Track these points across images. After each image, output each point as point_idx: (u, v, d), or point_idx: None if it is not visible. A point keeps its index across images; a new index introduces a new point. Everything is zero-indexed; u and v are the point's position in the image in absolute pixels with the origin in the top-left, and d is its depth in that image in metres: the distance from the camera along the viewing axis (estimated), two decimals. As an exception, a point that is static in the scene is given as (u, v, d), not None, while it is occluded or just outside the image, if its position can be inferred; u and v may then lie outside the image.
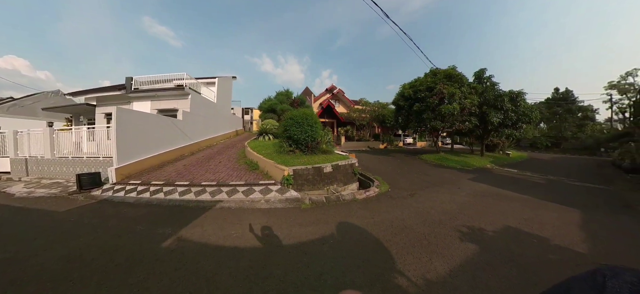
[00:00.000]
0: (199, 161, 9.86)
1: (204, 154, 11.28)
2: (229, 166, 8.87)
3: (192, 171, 8.44)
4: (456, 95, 14.67)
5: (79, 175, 7.35)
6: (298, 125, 7.77)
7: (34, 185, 8.56)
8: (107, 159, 8.62)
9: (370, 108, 28.92)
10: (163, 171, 8.59)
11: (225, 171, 8.09)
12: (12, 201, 6.74)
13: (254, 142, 12.49)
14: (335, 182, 6.99)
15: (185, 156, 10.83)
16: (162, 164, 9.56)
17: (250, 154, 9.49)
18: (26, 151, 10.28)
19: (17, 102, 17.79)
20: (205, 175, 7.85)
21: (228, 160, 9.94)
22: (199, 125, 12.71)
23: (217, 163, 9.52)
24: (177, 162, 9.92)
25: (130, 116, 8.47)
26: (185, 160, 10.30)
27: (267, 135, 13.39)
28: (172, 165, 9.45)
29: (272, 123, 14.31)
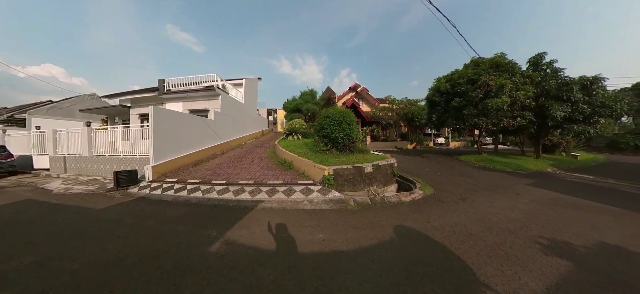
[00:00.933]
0: (231, 160, 9.46)
1: (234, 153, 10.91)
2: (262, 165, 8.40)
3: (227, 170, 8.02)
4: (506, 86, 11.99)
5: (116, 172, 7.08)
6: (336, 124, 7.18)
7: (71, 182, 8.42)
8: (144, 157, 8.36)
9: (398, 106, 26.47)
10: (198, 170, 8.23)
11: (261, 170, 7.60)
12: (49, 198, 6.52)
13: (284, 141, 12.01)
14: (375, 183, 6.33)
15: (216, 155, 10.49)
16: (196, 162, 9.23)
17: (282, 153, 8.98)
18: (65, 149, 10.26)
19: (55, 105, 18.34)
20: (241, 173, 7.39)
21: (260, 159, 9.49)
22: (228, 125, 12.40)
23: (249, 161, 9.08)
24: (210, 161, 9.57)
25: (166, 115, 8.18)
26: (218, 158, 9.95)
27: (295, 134, 12.89)
28: (205, 164, 9.09)
29: (300, 123, 13.80)
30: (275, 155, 10.00)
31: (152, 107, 7.65)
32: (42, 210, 5.45)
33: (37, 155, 10.96)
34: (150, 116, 7.61)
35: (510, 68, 13.27)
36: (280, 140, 12.66)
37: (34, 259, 3.10)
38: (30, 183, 8.78)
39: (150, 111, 7.61)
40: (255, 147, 12.64)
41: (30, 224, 4.51)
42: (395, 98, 27.30)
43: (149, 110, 7.65)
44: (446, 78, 15.44)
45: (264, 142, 14.41)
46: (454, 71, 15.52)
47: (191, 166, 8.81)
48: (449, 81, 14.96)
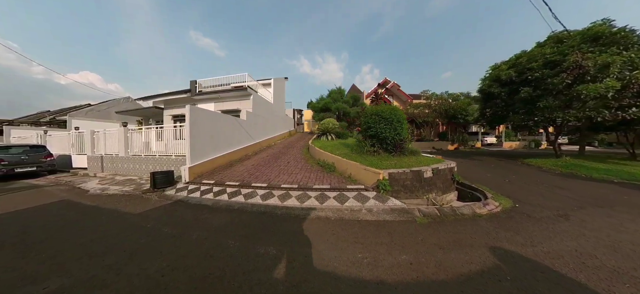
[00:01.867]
0: (266, 161, 8.77)
1: (267, 154, 10.24)
2: (300, 166, 7.62)
3: (264, 171, 7.31)
4: (613, 65, 8.82)
5: (153, 173, 6.54)
6: (386, 122, 6.27)
7: (108, 182, 8.03)
8: (179, 158, 7.84)
9: (438, 101, 23.19)
10: (234, 171, 7.58)
11: (301, 173, 6.81)
12: (85, 199, 6.05)
13: (317, 141, 11.27)
14: (434, 189, 5.35)
15: (249, 156, 9.86)
16: (230, 163, 8.62)
17: (320, 154, 8.19)
18: (102, 149, 10.02)
19: (93, 107, 18.65)
20: (281, 176, 6.63)
21: (296, 160, 8.73)
22: (259, 125, 11.79)
23: (285, 163, 8.34)
24: (244, 161, 8.93)
25: (202, 115, 7.61)
26: (251, 159, 9.30)
27: (329, 134, 12.07)
28: (240, 164, 8.45)
29: (332, 122, 12.98)
30: (310, 156, 9.22)
31: (188, 106, 7.09)
32: (75, 213, 4.93)
33: (76, 155, 10.83)
34: (186, 115, 7.05)
35: (622, 39, 9.57)
36: (314, 140, 11.92)
37: (60, 283, 2.44)
38: (67, 182, 8.50)
39: (187, 110, 7.04)
40: (287, 147, 11.93)
41: (61, 231, 3.94)
42: (433, 93, 23.73)
43: (186, 110, 7.10)
44: (508, 64, 12.46)
45: (294, 143, 13.70)
46: (520, 54, 12.28)
47: (226, 167, 8.19)
48: (513, 67, 11.87)
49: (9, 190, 7.32)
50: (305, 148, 11.38)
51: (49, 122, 16.20)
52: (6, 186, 7.90)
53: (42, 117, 17.04)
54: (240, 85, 11.61)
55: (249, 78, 11.68)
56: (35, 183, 8.32)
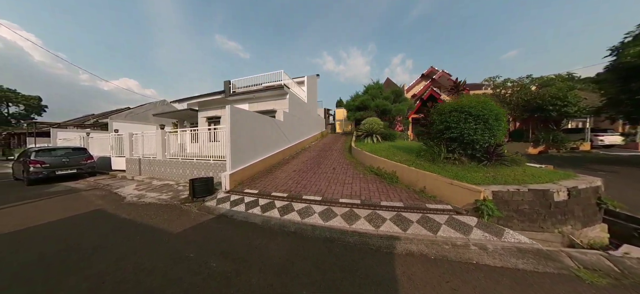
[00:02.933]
0: (308, 167, 7.67)
1: (305, 157, 9.17)
2: (350, 174, 6.40)
3: (310, 179, 6.20)
4: None
5: (192, 180, 5.65)
6: (477, 120, 4.74)
7: (145, 187, 7.34)
8: (219, 163, 6.98)
9: (512, 90, 17.65)
10: (275, 178, 6.55)
11: (356, 183, 5.59)
12: (119, 209, 5.27)
13: (362, 143, 10.00)
14: (571, 219, 3.78)
15: (287, 160, 8.84)
16: (270, 168, 7.63)
17: (371, 159, 6.97)
18: (140, 152, 9.49)
19: (132, 111, 18.79)
20: (332, 186, 5.46)
21: (341, 165, 7.54)
22: (295, 126, 10.77)
23: (330, 169, 7.17)
24: (283, 166, 7.91)
25: (242, 116, 6.67)
26: (291, 164, 8.26)
27: (374, 135, 10.64)
28: (280, 170, 7.43)
29: (377, 122, 11.31)
30: (357, 161, 8.00)
31: (229, 106, 6.16)
32: (108, 228, 4.08)
33: (115, 157, 10.45)
34: (227, 117, 6.12)
35: None
36: (357, 142, 10.64)
37: None
38: (105, 185, 7.96)
39: (228, 111, 6.11)
40: (324, 150, 10.78)
41: (89, 256, 3.05)
42: (506, 79, 18.02)
43: (226, 111, 6.17)
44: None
45: (329, 145, 12.54)
46: None
47: (266, 173, 7.19)
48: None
49: (46, 194, 6.84)
50: (345, 151, 10.16)
51: (93, 124, 16.48)
52: (45, 189, 7.49)
53: (87, 120, 17.46)
54: (274, 85, 10.62)
55: (285, 76, 10.66)
56: (74, 187, 7.86)
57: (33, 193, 7.06)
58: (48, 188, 7.73)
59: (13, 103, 35.69)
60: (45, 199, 6.29)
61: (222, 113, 12.62)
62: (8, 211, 5.27)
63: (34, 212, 5.13)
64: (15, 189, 7.73)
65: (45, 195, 6.71)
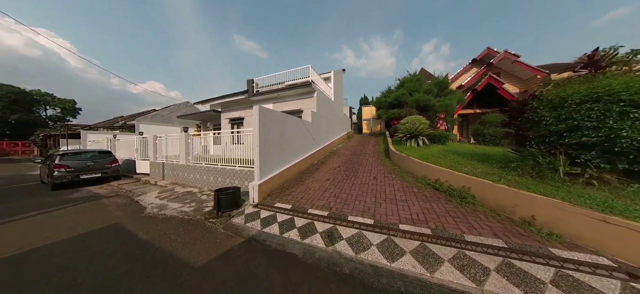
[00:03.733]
0: (343, 175, 6.64)
1: (336, 163, 8.15)
2: (398, 186, 5.26)
3: (350, 191, 5.17)
4: None
5: (217, 192, 4.82)
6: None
7: (167, 194, 6.67)
8: (245, 170, 6.13)
9: None
10: (307, 189, 5.59)
11: (413, 200, 4.46)
12: (137, 224, 4.54)
13: (405, 147, 8.66)
14: None
15: (317, 166, 7.88)
16: (299, 176, 6.71)
17: (424, 168, 5.76)
18: (163, 156, 8.94)
19: (157, 112, 18.76)
20: (382, 204, 4.38)
21: (382, 173, 6.42)
22: (322, 127, 9.79)
23: (370, 178, 6.08)
24: (314, 174, 6.95)
25: (271, 118, 5.79)
26: (321, 170, 7.27)
27: (418, 137, 9.13)
28: (311, 178, 6.47)
29: (421, 121, 9.49)
30: (400, 168, 6.84)
31: (257, 106, 5.28)
32: (120, 257, 3.28)
33: (139, 160, 10.03)
34: (254, 118, 5.25)
35: None
36: (397, 145, 9.25)
37: None
38: (127, 192, 7.42)
39: (255, 112, 5.24)
40: (354, 154, 9.67)
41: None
42: None
43: (254, 111, 5.30)
44: None
45: (359, 148, 11.41)
46: None
47: (296, 181, 6.26)
48: None
49: (66, 201, 6.35)
50: (381, 155, 8.97)
51: (121, 126, 16.58)
52: (67, 195, 7.06)
53: (116, 121, 17.69)
54: (301, 82, 9.66)
55: (313, 72, 9.63)
56: (96, 192, 7.39)
57: (53, 199, 6.63)
58: (71, 193, 7.33)
59: (50, 106, 37.61)
60: (62, 208, 5.76)
61: (246, 114, 11.93)
62: (17, 224, 4.72)
63: (43, 226, 4.53)
64: (39, 193, 7.41)
65: (64, 202, 6.23)
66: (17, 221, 4.84)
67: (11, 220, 4.94)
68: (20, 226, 4.56)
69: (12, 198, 6.91)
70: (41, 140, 22.88)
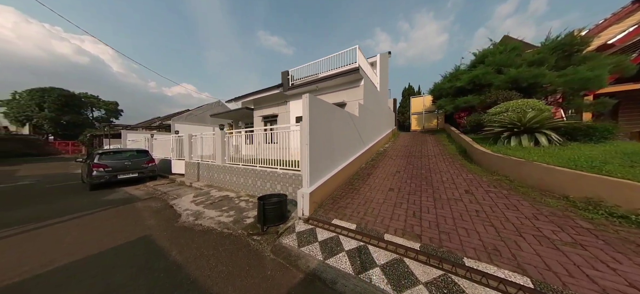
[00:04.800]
0: (409, 183, 5.36)
1: (392, 167, 6.89)
2: (532, 212, 3.68)
3: (434, 209, 3.91)
4: None
5: (263, 202, 3.87)
6: None
7: (202, 199, 5.97)
8: (289, 173, 5.15)
9: None
10: (367, 201, 4.45)
11: (592, 241, 2.97)
12: (170, 238, 3.77)
13: (507, 148, 5.76)
14: None
15: (366, 171, 6.71)
16: (351, 182, 5.60)
17: (587, 183, 3.59)
18: (198, 155, 8.40)
19: (191, 112, 18.94)
20: (523, 243, 3.04)
21: (475, 185, 4.93)
22: (368, 122, 8.52)
23: (456, 190, 4.69)
24: (367, 180, 5.78)
25: (321, 110, 4.78)
26: (375, 177, 6.07)
27: (541, 133, 5.74)
28: (366, 186, 5.30)
29: (539, 106, 6.57)
30: (506, 178, 5.18)
31: (306, 96, 4.26)
32: (146, 287, 2.44)
33: (175, 160, 9.67)
34: (305, 108, 4.24)
35: None
36: (494, 146, 6.35)
37: None
38: (162, 194, 6.92)
39: (305, 100, 4.22)
40: (412, 156, 8.15)
41: None
42: None
43: (303, 101, 4.30)
44: None
45: (414, 148, 9.70)
46: None
47: (349, 189, 5.16)
48: None
49: (100, 204, 5.95)
50: (455, 158, 7.28)
51: (158, 126, 16.97)
52: (103, 196, 6.75)
53: (153, 122, 18.26)
54: (345, 69, 8.25)
55: (360, 55, 8.13)
56: (131, 194, 7.01)
57: (89, 200, 6.34)
58: (107, 194, 7.03)
59: (96, 108, 40.71)
60: (94, 212, 5.30)
61: (279, 111, 11.11)
62: (43, 232, 4.21)
63: (69, 236, 3.95)
64: (76, 194, 7.24)
65: (97, 205, 5.82)
66: (44, 228, 4.36)
67: (40, 225, 4.49)
68: (46, 235, 4.04)
69: (49, 198, 6.74)
70: (88, 140, 24.69)
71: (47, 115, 30.87)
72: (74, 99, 35.52)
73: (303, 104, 4.30)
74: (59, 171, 13.01)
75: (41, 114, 30.74)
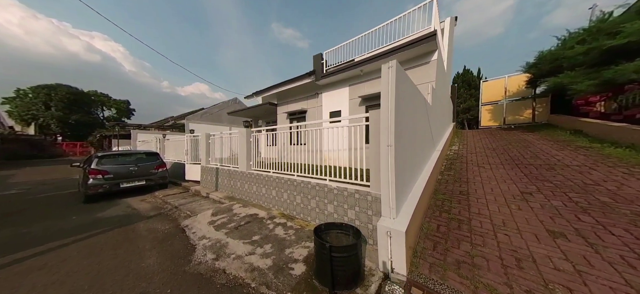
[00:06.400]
0: (564, 212, 3.58)
1: (494, 182, 5.09)
2: None
3: None
4: None
5: (328, 247, 2.28)
6: None
7: (224, 219, 4.52)
8: (352, 191, 3.48)
9: None
10: (500, 248, 2.73)
11: None
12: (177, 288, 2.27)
13: None
14: None
15: (447, 187, 4.97)
16: (439, 205, 3.91)
17: None
18: (217, 159, 7.07)
19: (207, 110, 18.07)
20: None
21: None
22: (437, 114, 6.63)
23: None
24: (472, 204, 4.05)
25: (407, 88, 3.20)
26: (480, 199, 4.32)
27: None
28: (478, 216, 3.58)
29: None
30: None
31: (394, 62, 2.67)
32: None
33: (189, 163, 8.46)
34: (388, 86, 2.71)
35: None
36: None
37: None
38: (173, 209, 5.65)
39: (389, 74, 2.65)
40: (518, 163, 6.21)
41: None
42: None
43: (389, 73, 2.74)
44: None
45: (510, 151, 7.56)
46: None
47: (446, 220, 3.49)
48: None
49: (87, 226, 4.66)
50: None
51: (172, 126, 16.15)
52: (97, 212, 5.51)
53: (166, 121, 17.58)
54: (413, 38, 6.10)
55: (436, 11, 6.07)
56: (134, 208, 5.80)
57: (76, 220, 5.03)
58: (104, 208, 5.80)
59: (106, 106, 39.84)
60: (76, 241, 3.98)
61: (309, 105, 9.59)
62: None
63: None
64: (64, 208, 5.97)
65: (84, 229, 4.50)
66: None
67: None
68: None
69: (27, 216, 5.40)
70: (97, 141, 24.04)
71: (54, 114, 29.63)
72: (83, 97, 34.35)
73: (389, 76, 2.70)
74: (60, 175, 12.15)
75: (48, 113, 29.54)
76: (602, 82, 7.35)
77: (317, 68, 8.52)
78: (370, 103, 7.43)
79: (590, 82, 7.58)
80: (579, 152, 6.42)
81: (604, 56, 7.53)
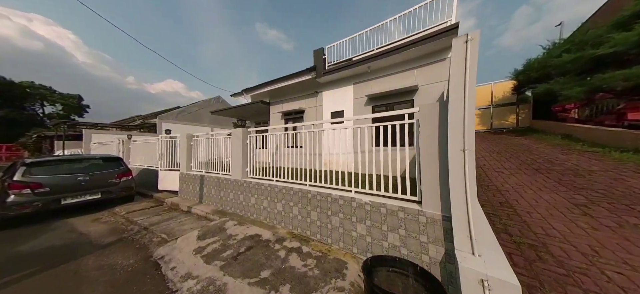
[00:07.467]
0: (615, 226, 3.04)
1: (515, 195, 4.56)
2: None
3: None
4: None
5: None
6: None
7: (215, 245, 3.52)
8: (393, 208, 2.66)
9: None
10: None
11: None
12: None
13: None
14: None
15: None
16: (493, 225, 3.25)
17: None
18: (201, 166, 5.97)
19: (184, 109, 16.52)
20: None
21: None
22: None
23: None
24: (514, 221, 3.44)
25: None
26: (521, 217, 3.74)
27: None
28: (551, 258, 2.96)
29: None
30: None
31: (465, 35, 1.95)
32: None
33: (163, 170, 7.21)
34: (465, 75, 2.00)
35: None
36: None
37: None
38: (139, 232, 4.46)
39: (460, 49, 1.92)
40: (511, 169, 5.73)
41: None
42: None
43: (459, 48, 2.00)
44: None
45: (513, 157, 7.14)
46: None
47: (510, 246, 2.82)
48: None
49: (12, 260, 3.43)
50: None
51: (139, 125, 14.35)
52: (22, 242, 4.03)
53: (132, 121, 15.59)
54: (430, 32, 5.48)
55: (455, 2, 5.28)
56: (81, 232, 4.46)
57: None
58: (33, 236, 4.29)
59: (49, 102, 33.16)
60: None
61: (307, 105, 8.77)
62: None
63: None
64: None
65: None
66: None
67: None
68: None
69: None
70: (34, 142, 19.90)
71: (-33, 109, 23.32)
72: (12, 89, 28.41)
73: (467, 54, 2.02)
74: None
75: (-42, 108, 23.23)
76: (592, 89, 7.83)
77: (319, 64, 7.73)
78: (378, 103, 6.79)
79: (580, 88, 8.03)
80: (589, 156, 6.33)
81: (591, 64, 8.07)
